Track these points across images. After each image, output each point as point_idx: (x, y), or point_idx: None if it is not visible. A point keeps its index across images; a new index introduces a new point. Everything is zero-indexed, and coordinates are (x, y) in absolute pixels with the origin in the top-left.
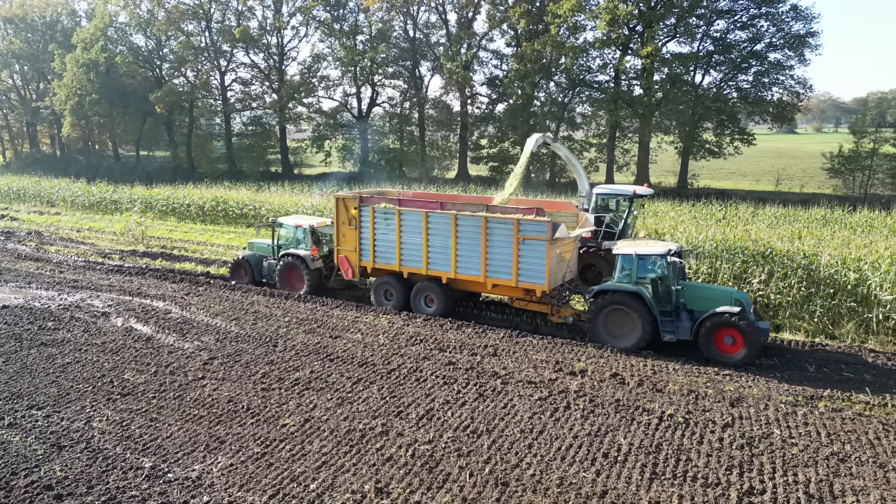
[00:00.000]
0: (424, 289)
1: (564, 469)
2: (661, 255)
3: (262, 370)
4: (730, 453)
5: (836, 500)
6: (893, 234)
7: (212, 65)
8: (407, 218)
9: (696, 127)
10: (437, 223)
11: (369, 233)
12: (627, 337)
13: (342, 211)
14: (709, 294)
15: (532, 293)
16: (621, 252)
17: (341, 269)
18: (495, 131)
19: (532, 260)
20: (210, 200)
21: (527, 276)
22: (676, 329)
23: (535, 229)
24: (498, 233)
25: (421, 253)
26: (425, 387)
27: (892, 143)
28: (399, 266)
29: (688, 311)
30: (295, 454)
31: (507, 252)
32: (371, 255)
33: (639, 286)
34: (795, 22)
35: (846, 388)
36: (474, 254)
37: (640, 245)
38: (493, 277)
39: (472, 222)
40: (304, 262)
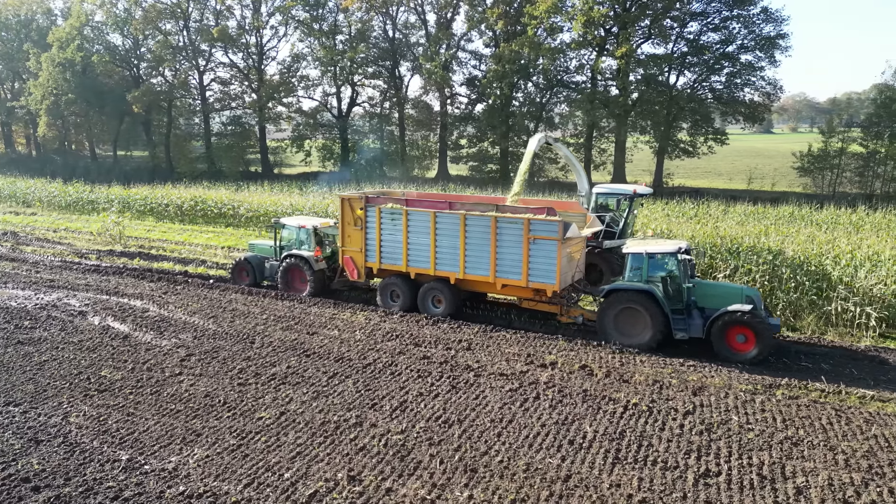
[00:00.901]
0: (432, 289)
1: (531, 455)
2: (672, 253)
3: (239, 366)
4: (689, 439)
5: (787, 481)
6: (857, 230)
7: (190, 64)
8: (414, 218)
9: (670, 127)
10: (445, 223)
11: (375, 233)
12: (639, 336)
13: (347, 211)
14: (720, 291)
15: (542, 293)
16: (631, 251)
17: (346, 270)
18: (475, 131)
19: (543, 260)
20: (188, 200)
21: (537, 276)
22: (688, 327)
23: (547, 229)
24: (508, 232)
25: (429, 253)
26: (400, 380)
27: (859, 142)
28: (406, 267)
29: (699, 308)
30: (270, 445)
31: (517, 252)
32: (377, 256)
33: (650, 284)
34: (766, 24)
35: (803, 378)
36: (484, 254)
37: (650, 244)
38: (502, 277)
39: (481, 222)
40: (307, 264)
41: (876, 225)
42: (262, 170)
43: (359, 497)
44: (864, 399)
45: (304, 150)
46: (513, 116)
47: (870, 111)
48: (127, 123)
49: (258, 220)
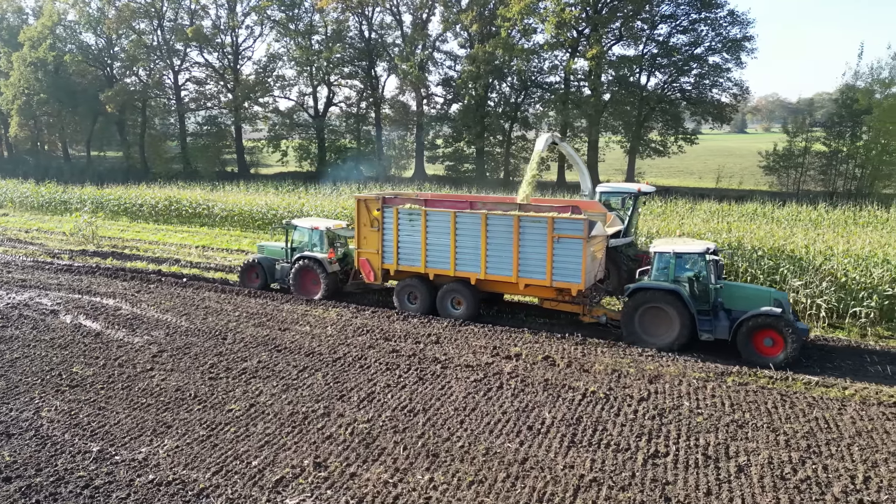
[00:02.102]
0: (452, 290)
1: (491, 441)
2: (700, 253)
3: (210, 361)
4: (642, 423)
5: (730, 460)
6: (816, 226)
7: (164, 64)
8: (434, 219)
9: (641, 127)
10: (466, 223)
11: (393, 234)
12: (664, 336)
13: (363, 213)
14: (747, 293)
15: (565, 293)
16: (659, 250)
17: (362, 272)
18: (451, 131)
19: (567, 259)
20: (163, 200)
21: (561, 275)
22: (714, 328)
23: (572, 227)
24: (531, 232)
25: (448, 254)
26: (368, 373)
27: (822, 141)
28: (424, 268)
29: (725, 310)
30: (239, 435)
31: (540, 251)
32: (394, 258)
33: (677, 284)
34: (732, 27)
35: (754, 365)
36: (506, 254)
37: (678, 243)
38: (525, 277)
39: (503, 222)
40: (320, 266)
41: (834, 221)
42: (238, 170)
43: (324, 482)
44: (808, 385)
45: (281, 150)
46: (488, 116)
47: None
48: (100, 123)
49: (233, 219)
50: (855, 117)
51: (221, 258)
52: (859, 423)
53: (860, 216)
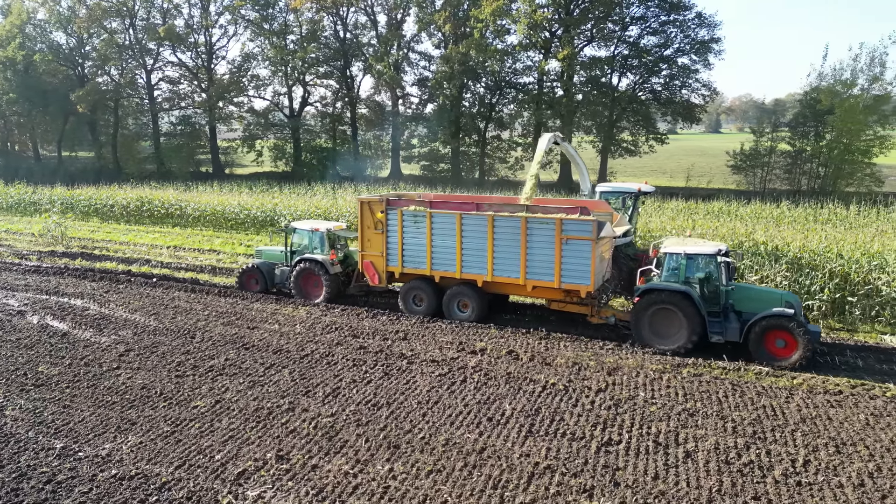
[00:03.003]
0: (458, 293)
1: (451, 432)
2: (711, 255)
3: (177, 359)
4: (598, 413)
5: (679, 447)
6: (777, 224)
7: (137, 63)
8: (439, 220)
9: (613, 127)
10: (472, 225)
11: (397, 237)
12: (674, 338)
13: (367, 215)
14: (758, 295)
15: (573, 294)
16: (670, 251)
17: (367, 274)
18: (426, 131)
19: (576, 260)
20: (134, 200)
21: (570, 276)
22: (725, 330)
23: (580, 228)
24: (539, 233)
25: (454, 256)
26: (335, 369)
27: (787, 141)
28: (430, 270)
29: (736, 312)
30: (204, 431)
31: (548, 253)
32: (399, 260)
33: (687, 286)
34: (700, 28)
35: (709, 357)
36: (513, 255)
37: (689, 244)
38: (533, 279)
39: (511, 223)
40: (322, 268)
41: (795, 219)
42: (212, 170)
43: (285, 474)
44: (759, 375)
45: (256, 150)
46: (463, 116)
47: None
48: (72, 123)
49: (205, 219)
50: (818, 117)
51: (193, 258)
52: (804, 410)
53: (821, 214)
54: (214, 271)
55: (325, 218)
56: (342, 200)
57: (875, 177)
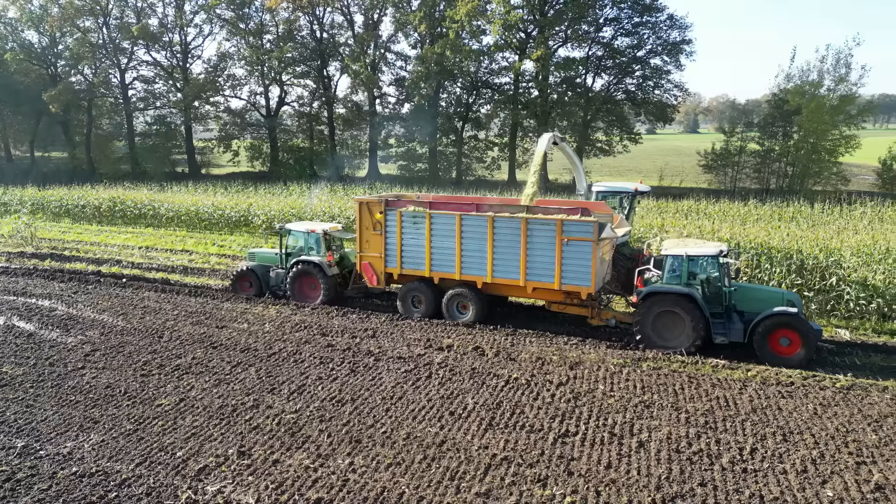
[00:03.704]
0: (458, 295)
1: (413, 426)
2: (713, 256)
3: (144, 359)
4: (557, 406)
5: (633, 437)
6: (743, 222)
7: (111, 62)
8: (439, 221)
9: (587, 127)
10: (472, 226)
11: (396, 238)
12: (678, 339)
13: (366, 216)
14: (759, 295)
15: (574, 296)
16: (671, 253)
17: (365, 276)
18: (403, 131)
19: (576, 261)
20: (106, 201)
21: (571, 278)
22: (728, 331)
23: (581, 230)
24: (540, 234)
25: (454, 257)
26: (302, 366)
27: (756, 141)
28: (429, 272)
29: (738, 312)
30: (166, 429)
31: (549, 254)
32: (398, 261)
33: (690, 287)
34: (672, 30)
35: (667, 351)
36: (513, 257)
37: (690, 245)
38: (533, 281)
39: (511, 224)
40: (320, 270)
41: (761, 217)
42: (188, 170)
43: (246, 469)
44: (716, 367)
45: (232, 150)
46: (440, 116)
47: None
48: (44, 123)
49: (179, 220)
50: (786, 118)
51: (164, 258)
52: (756, 401)
53: (786, 212)
54: (186, 271)
55: (299, 218)
56: (317, 200)
57: (841, 176)
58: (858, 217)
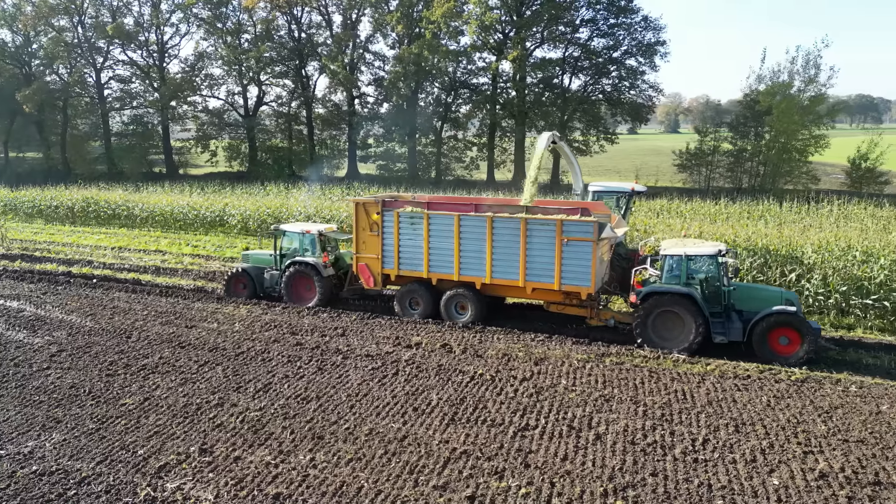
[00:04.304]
0: (456, 296)
1: (376, 422)
2: (711, 255)
3: (110, 359)
4: (519, 401)
5: (591, 430)
6: (713, 220)
7: (86, 61)
8: (437, 222)
9: (564, 127)
10: (470, 226)
11: (393, 238)
12: (678, 339)
13: (362, 216)
14: (758, 294)
15: (573, 296)
16: (669, 253)
17: (361, 277)
18: (382, 130)
19: (576, 262)
20: (80, 201)
21: (570, 278)
22: (728, 330)
23: (581, 230)
24: (539, 235)
25: (452, 258)
26: (269, 365)
27: (729, 140)
28: (427, 273)
29: (737, 311)
30: (129, 427)
31: (549, 254)
32: (395, 262)
33: (689, 287)
34: (646, 31)
35: (631, 346)
36: (513, 257)
37: (688, 245)
38: (533, 281)
39: (510, 224)
40: (315, 271)
41: (731, 215)
42: (166, 170)
43: (207, 466)
44: (677, 362)
45: (210, 150)
46: (419, 116)
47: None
48: (19, 123)
49: (154, 220)
50: (758, 118)
51: (137, 259)
52: (713, 393)
53: (756, 210)
54: (158, 272)
55: (276, 219)
56: (293, 200)
57: (811, 175)
58: (825, 215)
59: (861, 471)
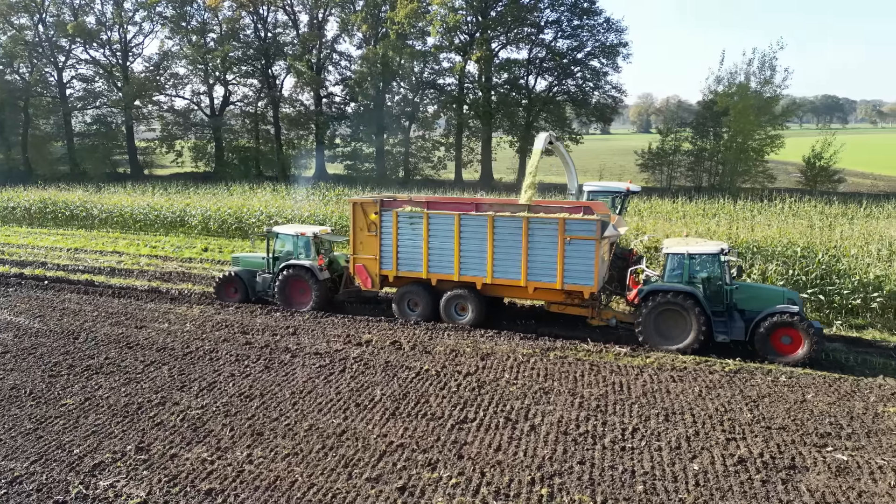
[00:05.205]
0: (456, 296)
1: (317, 418)
2: (714, 254)
3: (55, 360)
4: (461, 395)
5: (527, 421)
6: (668, 218)
7: (47, 60)
8: (437, 222)
9: (530, 127)
10: (471, 226)
11: (392, 239)
12: (680, 338)
13: (360, 216)
14: (760, 293)
15: (575, 296)
16: (672, 251)
17: (359, 278)
18: (350, 130)
19: (579, 260)
20: (37, 202)
21: (573, 277)
22: (730, 330)
23: (584, 228)
24: (541, 233)
25: (452, 258)
26: (216, 364)
27: (689, 140)
28: (427, 273)
29: (739, 310)
30: (68, 427)
31: (551, 253)
32: (394, 263)
33: (692, 286)
34: (609, 33)
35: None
36: (514, 257)
37: (691, 244)
38: (535, 281)
39: (511, 224)
40: (310, 274)
41: (688, 213)
42: (130, 171)
43: (142, 464)
44: (618, 356)
45: (175, 150)
46: (387, 116)
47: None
48: None
49: (112, 221)
50: (716, 118)
51: (93, 260)
52: (648, 385)
53: (710, 208)
54: (113, 273)
55: (238, 218)
56: (257, 200)
57: (767, 174)
58: (776, 213)
59: (778, 456)
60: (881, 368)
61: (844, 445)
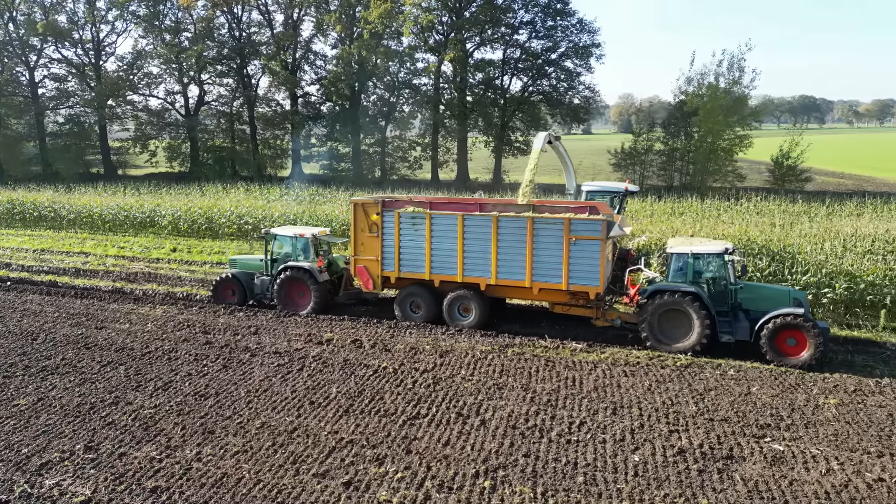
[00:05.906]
0: (460, 298)
1: (270, 416)
2: (718, 254)
3: (11, 361)
4: (416, 391)
5: (478, 416)
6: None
7: (19, 59)
8: (439, 222)
9: (505, 128)
10: (475, 226)
11: (394, 240)
12: (684, 338)
13: (361, 217)
14: (766, 294)
15: (580, 296)
16: (676, 251)
17: (360, 280)
18: (326, 130)
19: (585, 261)
20: (4, 203)
21: (578, 278)
22: (734, 330)
23: (589, 228)
24: (546, 234)
25: (456, 259)
26: (174, 364)
27: (661, 140)
28: (429, 274)
29: (744, 311)
30: (18, 427)
31: (556, 254)
32: (395, 264)
33: (696, 286)
34: (582, 34)
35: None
36: (519, 257)
37: (695, 243)
38: (540, 281)
39: (516, 224)
40: (310, 276)
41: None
42: (104, 171)
43: (90, 463)
44: (574, 351)
45: (149, 150)
46: (363, 116)
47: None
48: None
49: (81, 221)
50: (686, 118)
51: (58, 261)
52: (601, 380)
53: (679, 207)
54: (77, 273)
55: (208, 218)
56: (228, 200)
57: (737, 173)
58: (741, 211)
59: (717, 446)
60: (827, 362)
61: (782, 436)
